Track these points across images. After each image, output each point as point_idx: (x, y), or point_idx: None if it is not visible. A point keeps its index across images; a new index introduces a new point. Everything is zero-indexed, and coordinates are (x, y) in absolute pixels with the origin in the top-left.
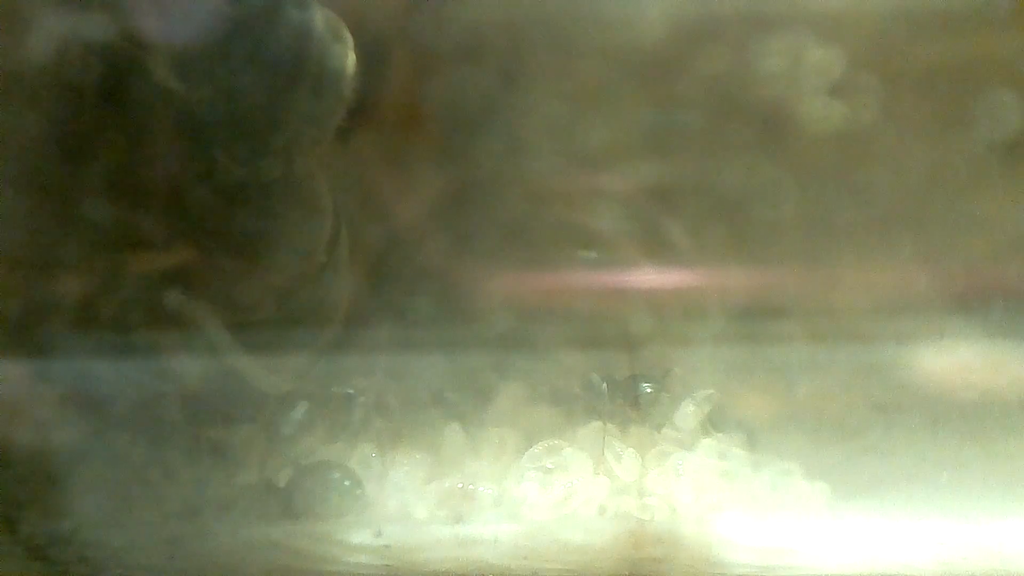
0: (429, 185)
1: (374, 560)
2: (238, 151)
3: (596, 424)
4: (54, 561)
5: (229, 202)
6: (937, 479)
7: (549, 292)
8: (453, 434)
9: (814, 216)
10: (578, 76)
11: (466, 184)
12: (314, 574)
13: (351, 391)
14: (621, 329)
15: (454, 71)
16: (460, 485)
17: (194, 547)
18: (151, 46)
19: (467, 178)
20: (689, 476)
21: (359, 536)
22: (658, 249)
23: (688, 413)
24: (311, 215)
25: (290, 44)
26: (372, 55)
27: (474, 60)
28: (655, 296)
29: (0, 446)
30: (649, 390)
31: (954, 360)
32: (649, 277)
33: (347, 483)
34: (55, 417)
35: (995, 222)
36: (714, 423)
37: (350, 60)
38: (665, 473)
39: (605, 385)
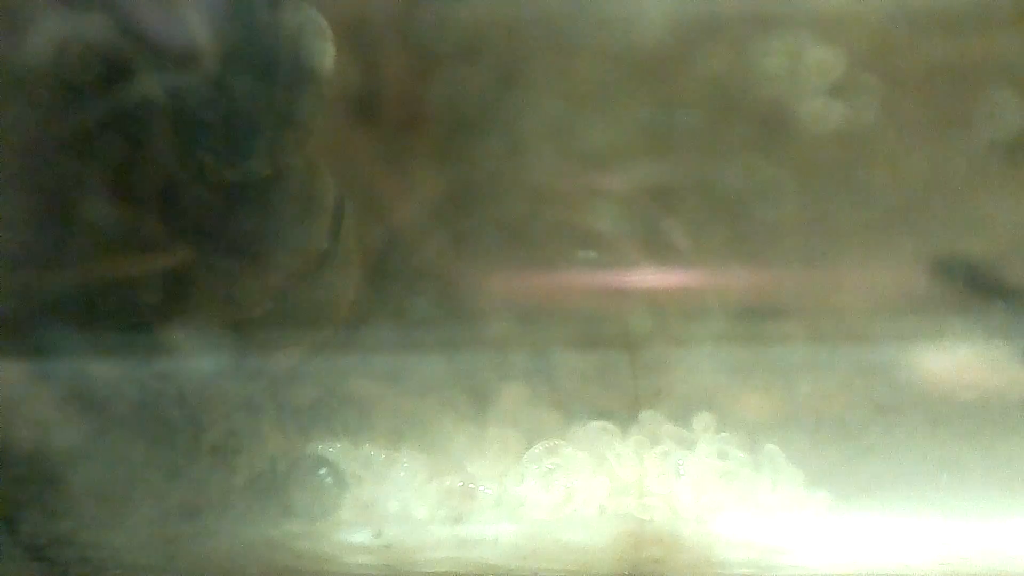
0: (429, 185)
1: (374, 560)
2: (221, 153)
3: (596, 424)
4: (54, 561)
5: (225, 199)
6: (937, 479)
7: (549, 292)
8: (453, 434)
9: (814, 216)
10: (578, 76)
11: (466, 184)
12: (314, 574)
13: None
14: (621, 329)
15: (454, 71)
16: (460, 485)
17: (194, 547)
18: (134, 49)
19: (467, 178)
20: (689, 476)
21: (359, 536)
22: (658, 249)
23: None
24: (310, 206)
25: (263, 42)
26: (372, 55)
27: (474, 60)
28: (655, 296)
29: (0, 446)
30: None
31: (954, 360)
32: (649, 277)
33: (329, 480)
34: (55, 417)
35: (995, 222)
36: (714, 423)
37: (328, 56)
38: (665, 473)
39: None
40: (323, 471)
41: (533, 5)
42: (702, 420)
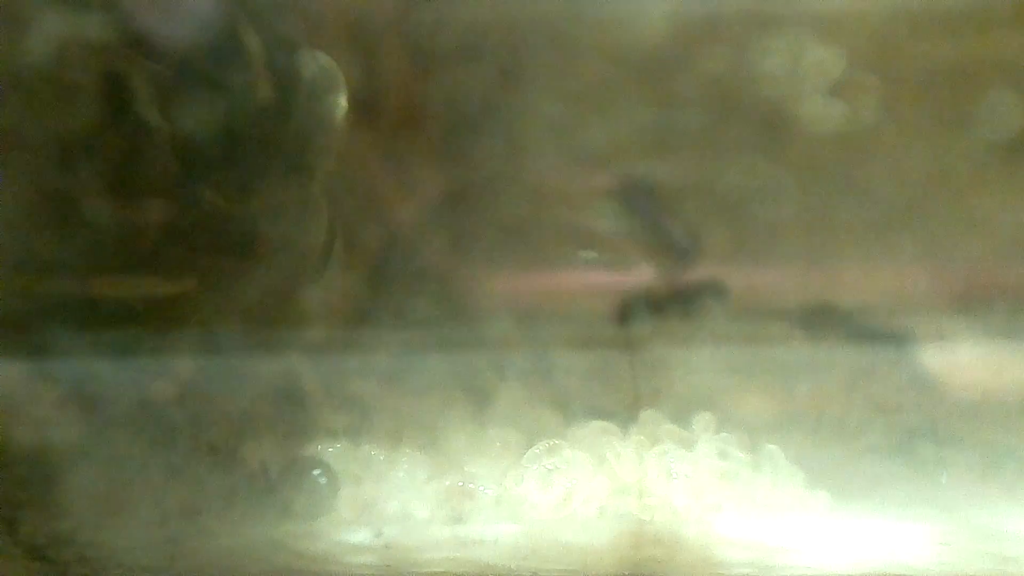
0: (429, 185)
1: (374, 560)
2: (223, 190)
3: (596, 424)
4: (54, 561)
5: (224, 215)
6: (937, 479)
7: (549, 292)
8: (453, 434)
9: (814, 216)
10: (578, 76)
11: (466, 184)
12: (314, 574)
13: None
14: (621, 329)
15: (454, 71)
16: (460, 485)
17: (194, 547)
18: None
19: (467, 178)
20: (689, 476)
21: (359, 536)
22: (658, 249)
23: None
24: (304, 222)
25: (278, 90)
26: (372, 54)
27: (474, 60)
28: (655, 296)
29: (0, 446)
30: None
31: (954, 360)
32: (649, 277)
33: (323, 480)
34: (55, 417)
35: (995, 222)
36: (714, 423)
37: (340, 108)
38: (665, 473)
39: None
40: (317, 472)
41: (533, 5)
42: (702, 420)
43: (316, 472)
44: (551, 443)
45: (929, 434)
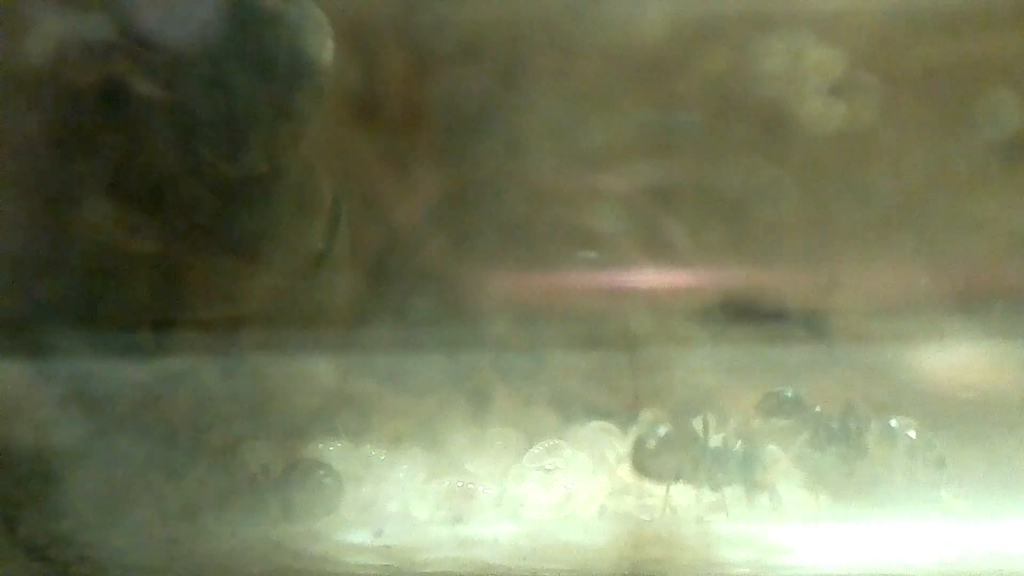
0: (429, 185)
1: (374, 560)
2: (217, 146)
3: (596, 424)
4: (54, 561)
5: (222, 197)
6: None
7: (549, 292)
8: (453, 434)
9: (814, 216)
10: (578, 76)
11: (466, 184)
12: (314, 574)
13: None
14: (621, 329)
15: (454, 71)
16: (460, 485)
17: (194, 547)
18: (131, 45)
19: (467, 178)
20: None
21: (359, 536)
22: (658, 249)
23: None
24: (305, 204)
25: (263, 35)
26: (372, 54)
27: (474, 60)
28: (655, 296)
29: (0, 446)
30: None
31: (954, 360)
32: (649, 277)
33: (328, 480)
34: (55, 417)
35: (995, 222)
36: (714, 423)
37: (327, 51)
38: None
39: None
40: (322, 472)
41: (533, 5)
42: (702, 420)
43: (321, 473)
44: (551, 443)
45: (929, 434)
